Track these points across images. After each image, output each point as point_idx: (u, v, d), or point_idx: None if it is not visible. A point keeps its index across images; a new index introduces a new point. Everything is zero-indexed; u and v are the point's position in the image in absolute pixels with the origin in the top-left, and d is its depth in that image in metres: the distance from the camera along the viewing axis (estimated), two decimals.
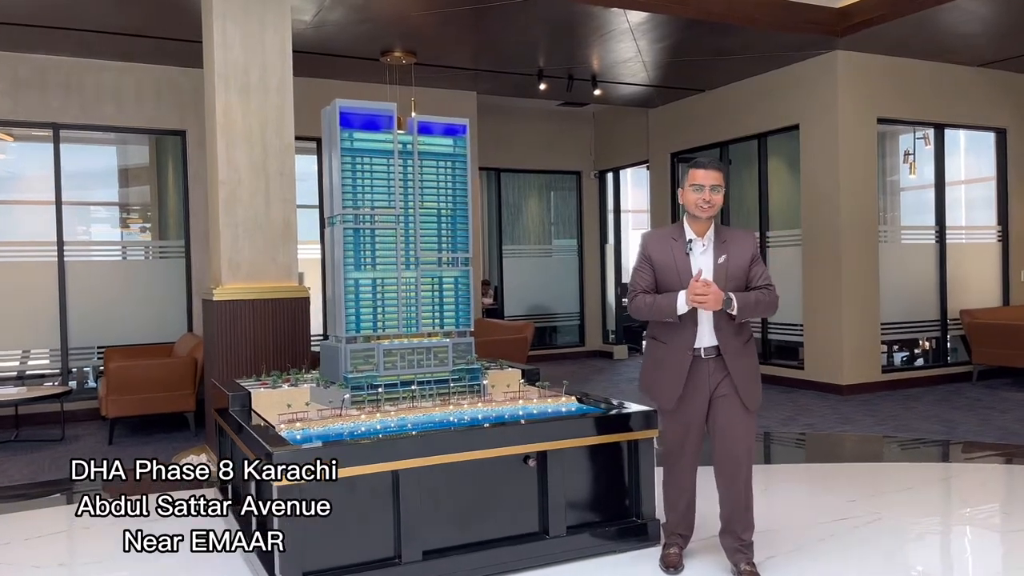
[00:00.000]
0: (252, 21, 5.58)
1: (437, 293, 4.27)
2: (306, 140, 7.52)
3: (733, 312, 3.22)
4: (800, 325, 8.82)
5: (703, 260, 3.33)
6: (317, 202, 8.85)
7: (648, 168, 11.30)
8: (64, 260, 7.76)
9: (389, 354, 4.05)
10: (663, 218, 10.85)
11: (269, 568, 3.23)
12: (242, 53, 5.54)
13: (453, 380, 4.15)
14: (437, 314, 4.26)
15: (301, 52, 7.43)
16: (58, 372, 7.84)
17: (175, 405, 6.71)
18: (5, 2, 6.29)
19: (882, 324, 8.54)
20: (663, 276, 3.36)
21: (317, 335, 7.20)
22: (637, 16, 7.05)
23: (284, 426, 3.60)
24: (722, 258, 3.32)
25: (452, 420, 3.80)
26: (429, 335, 4.22)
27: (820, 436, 6.45)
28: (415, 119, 4.22)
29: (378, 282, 4.12)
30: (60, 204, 7.74)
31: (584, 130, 12.28)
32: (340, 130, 4.04)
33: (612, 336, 12.37)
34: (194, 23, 6.03)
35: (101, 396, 6.68)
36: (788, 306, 8.84)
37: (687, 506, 3.53)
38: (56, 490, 5.44)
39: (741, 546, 3.38)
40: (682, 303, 3.23)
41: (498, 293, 11.74)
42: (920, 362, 9.18)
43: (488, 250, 11.77)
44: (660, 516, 3.74)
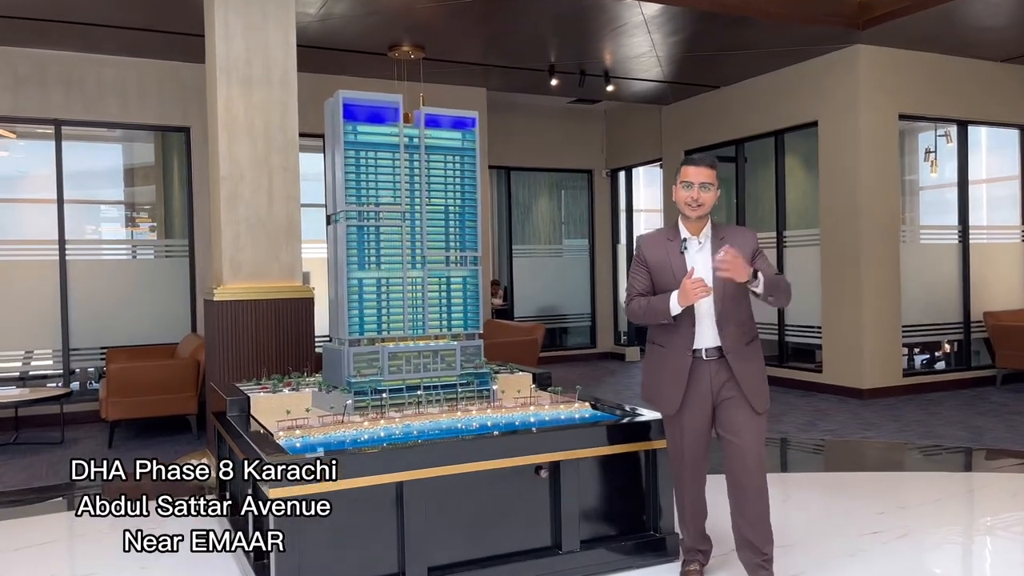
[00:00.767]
0: (254, 12, 5.40)
1: (444, 294, 4.08)
2: (312, 137, 7.32)
3: (758, 289, 3.01)
4: (818, 327, 8.59)
5: (700, 258, 3.16)
6: (324, 201, 8.67)
7: (661, 167, 11.08)
8: (66, 259, 7.61)
9: (394, 357, 3.87)
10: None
11: None
12: (244, 45, 5.37)
13: (461, 385, 3.97)
14: (444, 316, 4.07)
15: (307, 46, 7.26)
16: (61, 373, 7.70)
17: (177, 408, 6.54)
18: None
19: (903, 326, 8.30)
20: (659, 277, 3.22)
21: (323, 336, 7.02)
22: (651, 8, 6.84)
23: (283, 433, 3.42)
24: (720, 252, 3.10)
25: (460, 427, 3.61)
26: (436, 338, 4.03)
27: (841, 443, 6.22)
28: (422, 111, 4.04)
29: (383, 282, 3.94)
30: (62, 202, 7.59)
31: (596, 128, 12.07)
32: (343, 123, 3.87)
33: (624, 338, 12.15)
34: (198, 17, 5.86)
35: (101, 398, 6.53)
36: (805, 307, 8.61)
37: (700, 519, 3.33)
38: (52, 496, 5.27)
39: (763, 561, 3.17)
40: (675, 303, 3.08)
41: (508, 294, 11.55)
42: (941, 365, 8.93)
43: (498, 250, 11.58)
44: (679, 530, 3.54)
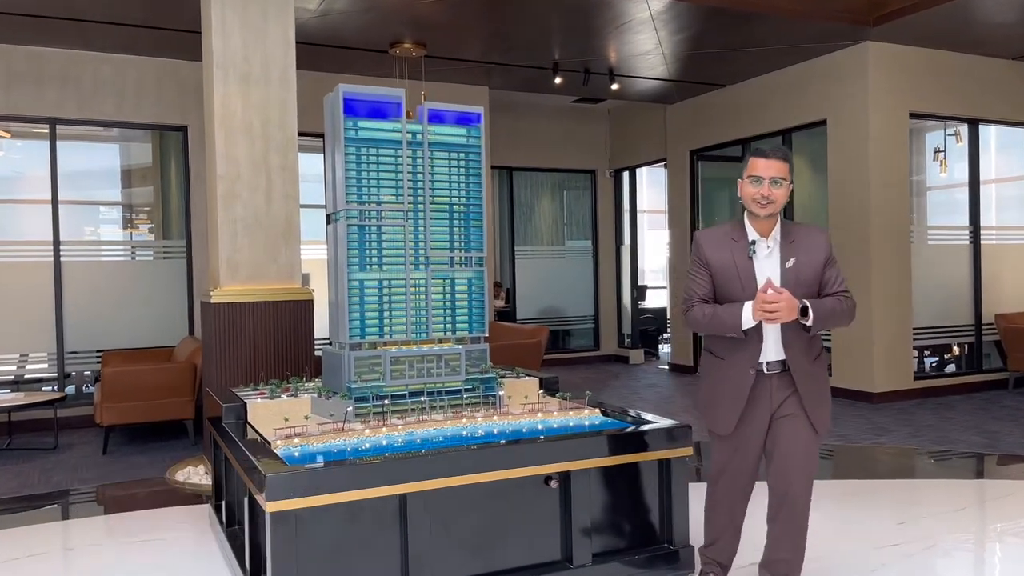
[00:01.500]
0: (252, 8, 5.26)
1: (449, 295, 3.93)
2: (313, 137, 7.20)
3: (808, 323, 2.77)
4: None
5: (768, 264, 2.86)
6: (324, 201, 8.53)
7: (666, 167, 10.93)
8: (60, 260, 7.47)
9: (397, 362, 3.71)
10: (681, 219, 10.48)
11: None
12: (242, 41, 5.23)
13: (466, 390, 3.81)
14: (449, 318, 3.92)
15: (306, 44, 7.13)
16: (56, 377, 7.55)
17: (173, 413, 6.39)
18: None
19: (913, 329, 8.15)
20: (723, 283, 2.90)
21: (323, 339, 6.87)
22: (658, 4, 6.70)
23: (280, 442, 3.26)
24: (791, 261, 2.85)
25: (465, 435, 3.46)
26: (440, 341, 3.88)
27: (855, 449, 6.06)
28: (425, 107, 3.89)
29: (385, 284, 3.78)
30: (56, 203, 7.46)
31: (599, 127, 11.93)
32: (344, 118, 3.71)
33: (628, 340, 12.00)
34: (196, 13, 5.71)
35: (96, 403, 6.37)
36: None
37: (732, 537, 3.15)
38: (44, 504, 5.12)
39: None
40: (748, 317, 2.77)
41: (510, 295, 11.40)
42: (951, 368, 8.77)
43: (500, 251, 11.44)
44: (694, 541, 3.39)
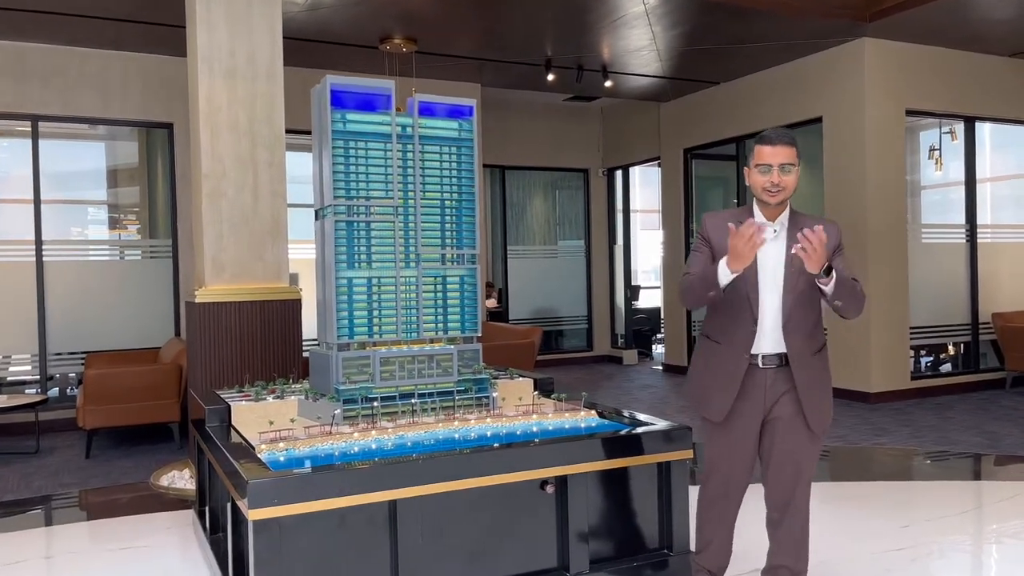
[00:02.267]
0: (238, 0, 5.12)
1: (440, 294, 3.81)
2: (302, 135, 7.04)
3: (828, 288, 2.61)
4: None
5: (774, 248, 2.75)
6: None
7: (659, 166, 10.83)
8: (43, 260, 7.31)
9: (386, 363, 3.59)
10: (675, 218, 10.37)
11: None
12: (227, 34, 5.09)
13: (458, 392, 3.69)
14: (440, 318, 3.80)
15: (294, 39, 7.00)
16: (39, 379, 7.39)
17: (158, 415, 6.24)
18: None
19: (910, 328, 8.06)
20: None
21: (312, 340, 6.74)
22: None
23: (265, 446, 3.13)
24: (796, 248, 2.72)
25: (458, 438, 3.34)
26: (431, 341, 3.76)
27: (855, 450, 5.96)
28: (416, 99, 3.77)
29: (374, 282, 3.66)
30: (39, 202, 7.30)
31: (592, 126, 11.82)
32: (331, 110, 3.59)
33: (621, 340, 11.90)
34: (181, 8, 5.56)
35: (78, 406, 6.22)
36: None
37: (723, 543, 2.98)
38: (23, 510, 4.96)
39: None
40: (723, 267, 2.59)
41: (502, 295, 11.28)
42: (947, 368, 8.70)
43: (492, 251, 11.32)
44: (695, 547, 3.27)
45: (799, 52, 8.19)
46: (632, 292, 12.23)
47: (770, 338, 2.74)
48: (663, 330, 11.41)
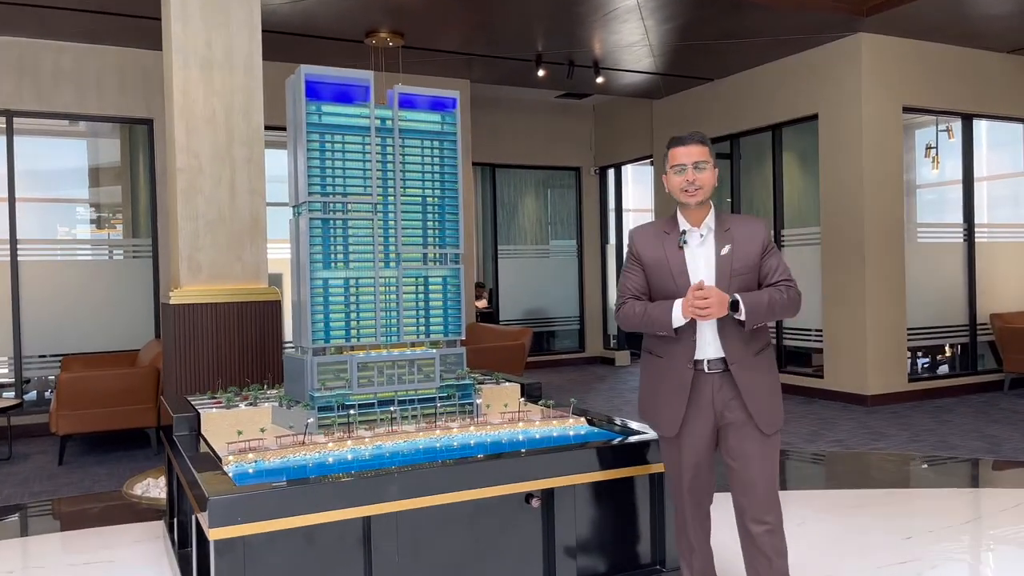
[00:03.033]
0: None
1: (422, 295, 3.62)
2: (284, 131, 6.86)
3: (741, 318, 2.59)
4: (819, 330, 8.20)
5: (702, 253, 2.70)
6: None
7: (652, 164, 10.67)
8: (17, 260, 7.09)
9: (364, 368, 3.41)
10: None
11: None
12: (203, 24, 4.89)
13: (441, 399, 3.51)
14: (422, 320, 3.61)
15: (277, 32, 6.82)
16: (14, 382, 7.17)
17: (134, 421, 6.03)
18: None
19: (907, 329, 7.92)
20: (655, 277, 2.74)
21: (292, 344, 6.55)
22: None
23: (232, 457, 2.94)
24: (725, 249, 2.68)
25: (439, 447, 3.16)
26: (412, 345, 3.58)
27: (852, 456, 5.80)
28: (396, 90, 3.58)
29: (351, 282, 3.48)
30: (12, 199, 7.08)
31: (584, 124, 11.65)
32: (306, 102, 3.41)
33: (614, 341, 11.73)
34: None
35: (51, 411, 6.00)
36: (804, 310, 8.22)
37: (705, 562, 2.86)
38: None
39: None
40: (678, 314, 2.60)
41: (493, 296, 11.10)
42: (944, 369, 8.56)
43: (482, 251, 11.13)
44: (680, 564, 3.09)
45: (794, 48, 8.04)
46: None
47: (710, 343, 2.68)
48: None
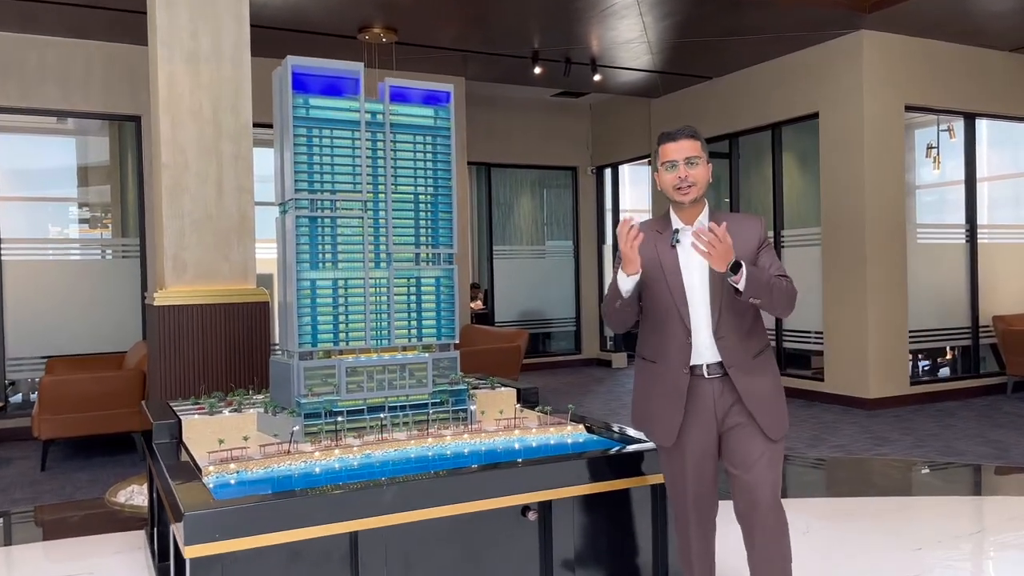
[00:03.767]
0: None
1: (414, 297, 3.48)
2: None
3: (739, 283, 2.42)
4: (819, 332, 8.07)
5: (696, 254, 2.54)
6: None
7: (649, 163, 10.54)
8: (1, 260, 6.92)
9: (353, 373, 3.26)
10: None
11: None
12: (189, 15, 4.74)
13: (433, 405, 3.37)
14: (414, 323, 3.47)
15: (267, 27, 6.67)
16: None
17: (119, 425, 5.87)
18: None
19: (909, 332, 7.79)
20: (648, 277, 2.61)
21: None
22: None
23: (214, 468, 2.79)
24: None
25: (431, 456, 3.02)
26: (404, 349, 3.43)
27: (855, 461, 5.66)
28: (387, 83, 3.44)
29: (340, 284, 3.33)
30: None
31: (581, 123, 11.51)
32: (293, 95, 3.26)
33: (610, 343, 11.59)
34: None
35: (33, 415, 5.84)
36: (804, 312, 8.10)
37: (706, 573, 2.73)
38: None
39: None
40: (621, 274, 2.54)
41: (488, 297, 10.95)
42: (946, 372, 8.43)
43: (478, 251, 10.98)
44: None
45: (795, 45, 7.91)
46: None
47: (706, 347, 2.57)
48: None
